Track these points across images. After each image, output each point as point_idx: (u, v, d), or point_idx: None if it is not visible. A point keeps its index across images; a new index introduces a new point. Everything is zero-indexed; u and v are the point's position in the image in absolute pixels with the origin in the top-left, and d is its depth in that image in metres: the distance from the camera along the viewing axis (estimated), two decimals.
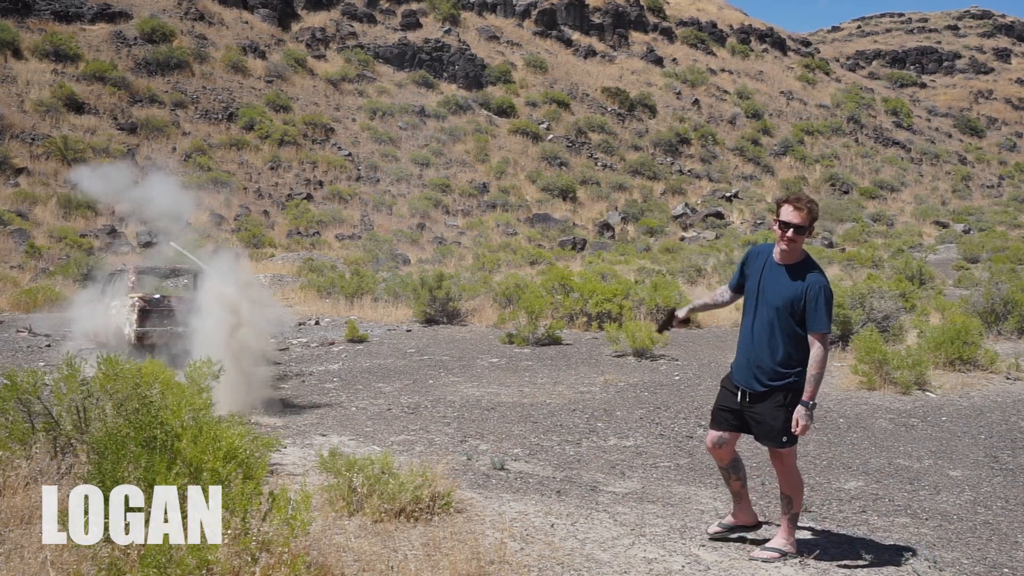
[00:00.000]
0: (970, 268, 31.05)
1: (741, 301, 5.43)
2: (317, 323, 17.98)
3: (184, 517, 3.93)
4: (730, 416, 5.26)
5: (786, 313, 5.02)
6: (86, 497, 4.03)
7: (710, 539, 5.49)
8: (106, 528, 3.93)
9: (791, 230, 5.00)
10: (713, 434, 5.33)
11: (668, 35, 73.67)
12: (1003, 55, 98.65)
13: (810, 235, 5.10)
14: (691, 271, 27.33)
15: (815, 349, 4.99)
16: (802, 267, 5.08)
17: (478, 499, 6.16)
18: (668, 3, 78.82)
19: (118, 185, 14.95)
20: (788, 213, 5.03)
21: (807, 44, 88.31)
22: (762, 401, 5.10)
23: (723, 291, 5.59)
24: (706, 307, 5.75)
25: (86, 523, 3.96)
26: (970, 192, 61.90)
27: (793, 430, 4.99)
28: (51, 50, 40.90)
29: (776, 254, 5.14)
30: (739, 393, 5.19)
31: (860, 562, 5.24)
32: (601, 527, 5.68)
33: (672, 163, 54.02)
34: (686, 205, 46.75)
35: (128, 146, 37.01)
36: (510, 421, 9.18)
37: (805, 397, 4.97)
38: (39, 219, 29.67)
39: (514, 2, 66.09)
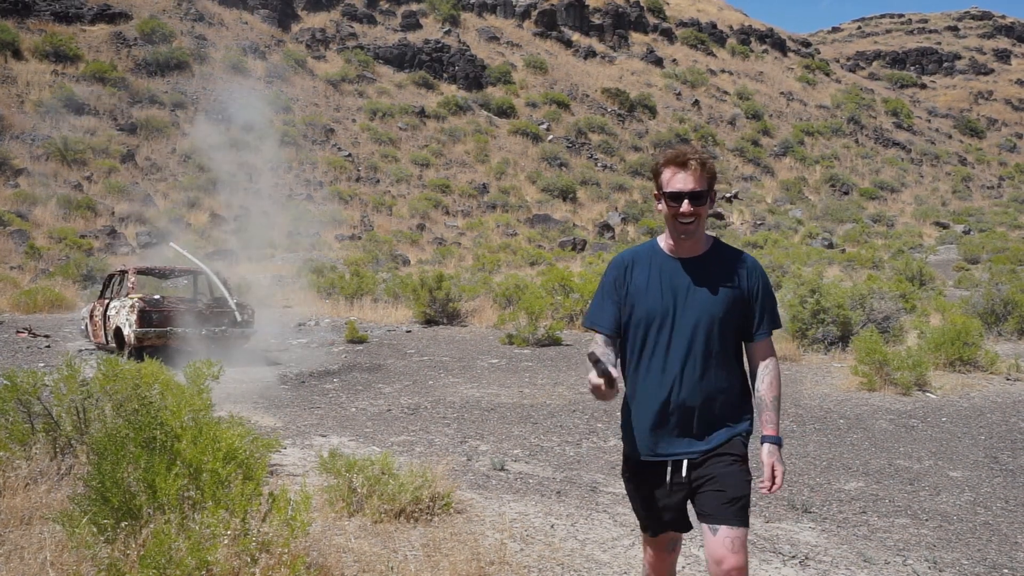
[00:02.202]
0: (970, 269, 31.05)
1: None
2: (317, 324, 17.97)
3: (183, 518, 3.93)
4: (670, 509, 3.43)
5: (728, 324, 3.36)
6: (87, 498, 4.03)
7: None
8: (106, 528, 3.92)
9: (687, 200, 3.28)
10: (661, 540, 3.57)
11: (668, 36, 73.67)
12: (1003, 56, 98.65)
13: (712, 204, 3.41)
14: None
15: (769, 361, 3.44)
16: (721, 251, 3.45)
17: (478, 500, 6.16)
18: (668, 4, 78.83)
19: None
20: (676, 178, 3.31)
21: (807, 45, 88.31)
22: (706, 465, 3.34)
23: (599, 346, 3.43)
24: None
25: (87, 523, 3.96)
26: (970, 193, 61.89)
27: (771, 488, 3.31)
28: (51, 51, 40.92)
29: (670, 247, 3.42)
30: (668, 471, 3.36)
31: (860, 562, 5.23)
32: (601, 528, 5.68)
33: None
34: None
35: (128, 147, 37.01)
36: (510, 422, 9.18)
37: (771, 431, 3.35)
38: (39, 220, 29.66)
39: (514, 3, 66.09)
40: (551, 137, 51.89)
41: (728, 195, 49.79)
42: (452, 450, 7.81)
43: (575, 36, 66.88)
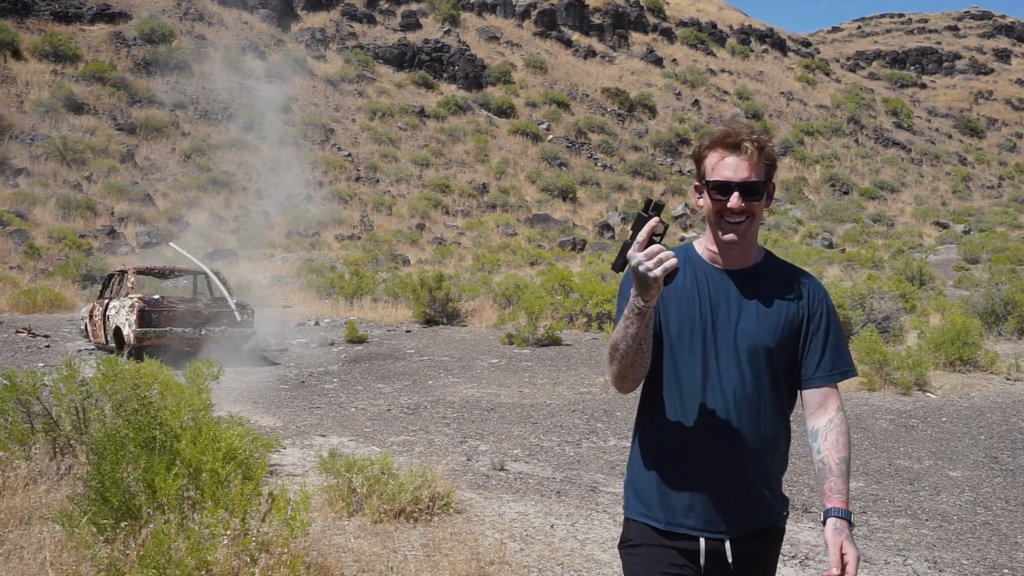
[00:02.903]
0: (970, 269, 31.04)
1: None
2: (317, 324, 17.97)
3: (183, 518, 3.93)
4: None
5: (779, 359, 2.54)
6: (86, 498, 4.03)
7: None
8: (106, 528, 3.92)
9: (737, 193, 2.48)
10: None
11: (668, 36, 73.66)
12: (1003, 56, 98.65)
13: (770, 200, 2.59)
14: None
15: (835, 415, 2.55)
16: (776, 266, 2.65)
17: (478, 500, 6.15)
18: (668, 4, 78.82)
19: None
20: (725, 164, 2.51)
21: (807, 45, 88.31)
22: (753, 546, 2.56)
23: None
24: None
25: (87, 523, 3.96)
26: (970, 193, 61.90)
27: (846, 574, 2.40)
28: (50, 51, 40.91)
29: (711, 255, 2.60)
30: (701, 553, 2.51)
31: (860, 562, 5.22)
32: (601, 527, 5.68)
33: (672, 164, 54.01)
34: (686, 206, 46.73)
35: (127, 147, 37.00)
36: (510, 422, 9.17)
37: (840, 503, 2.45)
38: (38, 220, 29.65)
39: (514, 3, 66.08)
40: (551, 137, 51.89)
41: None
42: (452, 450, 7.80)
43: (575, 36, 66.87)
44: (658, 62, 67.77)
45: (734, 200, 2.44)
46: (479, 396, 10.62)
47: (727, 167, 2.48)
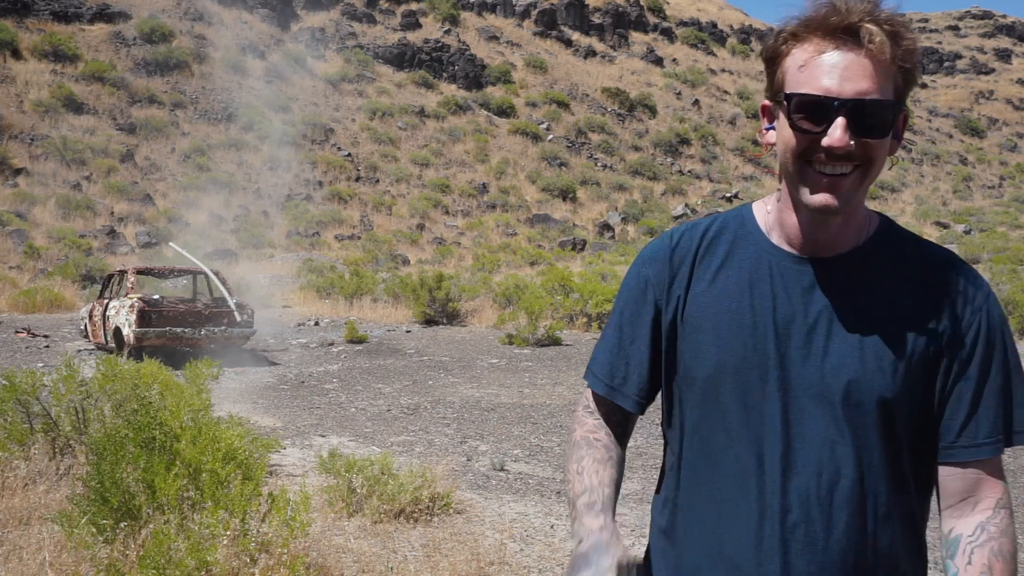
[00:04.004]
0: None
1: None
2: (316, 324, 17.97)
3: (183, 518, 3.92)
4: None
5: (903, 412, 1.44)
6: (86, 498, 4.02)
7: None
8: (105, 529, 3.91)
9: (844, 121, 1.35)
10: None
11: (668, 35, 73.66)
12: (1004, 55, 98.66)
13: (900, 137, 1.44)
14: None
15: (990, 513, 1.44)
16: (898, 249, 1.51)
17: (478, 500, 6.14)
18: (668, 3, 78.84)
19: None
20: (826, 64, 1.36)
21: None
22: None
23: (595, 428, 1.65)
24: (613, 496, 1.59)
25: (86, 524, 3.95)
26: (971, 193, 61.90)
27: None
28: (50, 50, 40.91)
29: (786, 230, 1.50)
30: None
31: None
32: None
33: (672, 163, 54.02)
34: (686, 206, 46.74)
35: (127, 146, 37.00)
36: (510, 422, 9.17)
37: None
38: (38, 220, 29.65)
39: (514, 2, 66.09)
40: (551, 137, 51.89)
41: (728, 195, 49.81)
42: (452, 450, 7.79)
43: (575, 36, 66.88)
44: (658, 62, 67.78)
45: (837, 133, 1.33)
46: (479, 396, 10.61)
47: (827, 70, 1.35)
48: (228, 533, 3.79)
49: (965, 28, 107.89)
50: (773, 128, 1.46)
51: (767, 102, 1.47)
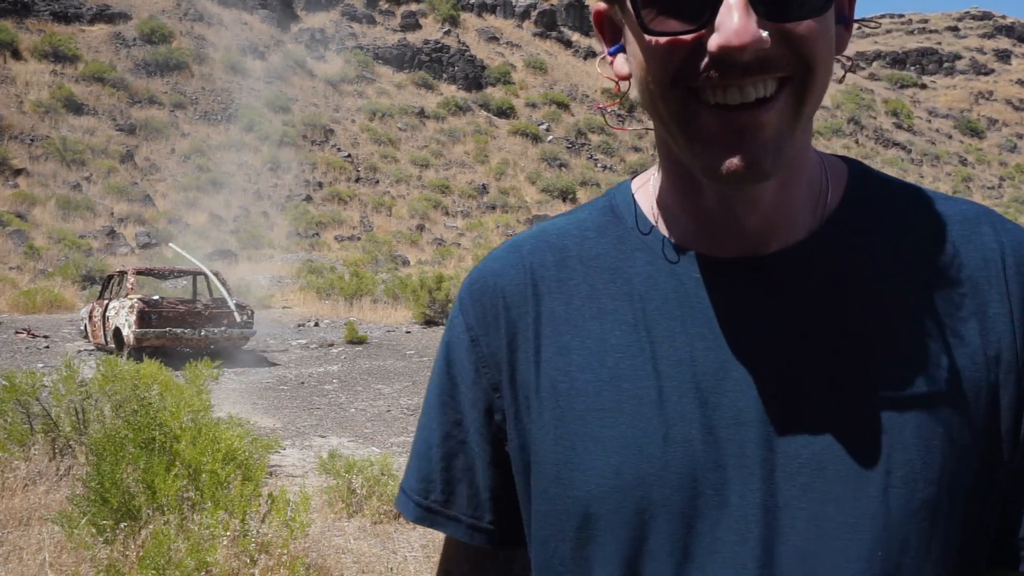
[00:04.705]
0: None
1: None
2: (316, 324, 17.97)
3: (183, 519, 3.93)
4: None
5: (943, 512, 0.75)
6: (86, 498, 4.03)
7: None
8: (105, 529, 3.92)
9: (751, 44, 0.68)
10: None
11: None
12: (1003, 56, 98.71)
13: (846, 41, 0.88)
14: None
15: None
16: (891, 207, 0.85)
17: None
18: None
19: None
20: None
21: None
22: None
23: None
24: None
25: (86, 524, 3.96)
26: (971, 193, 61.92)
27: None
28: (50, 51, 40.92)
29: (684, 225, 0.85)
30: None
31: None
32: None
33: None
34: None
35: (127, 147, 37.01)
36: None
37: None
38: (38, 220, 29.65)
39: (514, 3, 66.12)
40: (551, 138, 51.92)
41: None
42: None
43: (575, 36, 66.91)
44: None
45: (734, 18, 0.68)
46: None
47: None
48: (228, 534, 3.79)
49: (965, 29, 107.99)
50: (622, 50, 0.83)
51: (600, 4, 0.84)
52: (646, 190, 0.90)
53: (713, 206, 0.81)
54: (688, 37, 0.71)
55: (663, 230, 0.86)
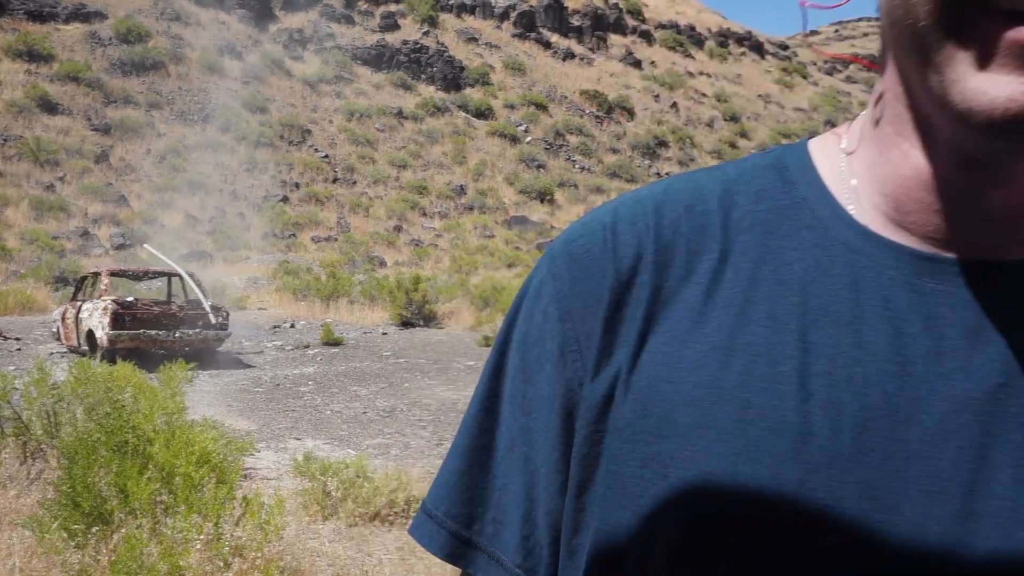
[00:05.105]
0: None
1: None
2: (292, 326, 17.90)
3: (155, 522, 3.91)
4: None
5: None
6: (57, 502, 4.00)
7: None
8: (77, 534, 3.89)
9: None
10: None
11: (647, 38, 73.97)
12: None
13: None
14: None
15: None
16: None
17: None
18: (647, 6, 79.18)
19: None
20: None
21: (785, 48, 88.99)
22: None
23: None
24: None
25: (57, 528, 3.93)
26: None
27: None
28: (24, 50, 40.52)
29: (890, 207, 0.61)
30: None
31: None
32: None
33: (650, 166, 54.25)
34: None
35: (102, 147, 36.71)
36: None
37: None
38: (10, 221, 29.34)
39: (493, 4, 66.15)
40: (529, 139, 51.99)
41: None
42: (428, 453, 7.80)
43: (554, 38, 67.02)
44: (637, 64, 68.05)
45: None
46: (456, 398, 10.61)
47: None
48: (201, 537, 3.78)
49: None
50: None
51: None
52: (832, 152, 0.69)
53: (948, 175, 0.57)
54: None
55: (849, 207, 0.63)
